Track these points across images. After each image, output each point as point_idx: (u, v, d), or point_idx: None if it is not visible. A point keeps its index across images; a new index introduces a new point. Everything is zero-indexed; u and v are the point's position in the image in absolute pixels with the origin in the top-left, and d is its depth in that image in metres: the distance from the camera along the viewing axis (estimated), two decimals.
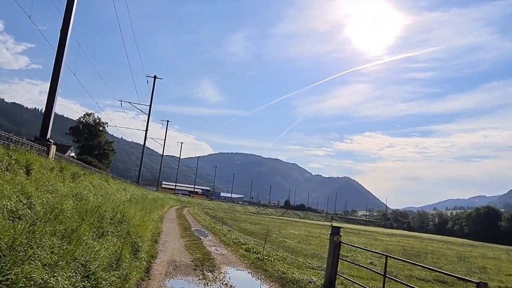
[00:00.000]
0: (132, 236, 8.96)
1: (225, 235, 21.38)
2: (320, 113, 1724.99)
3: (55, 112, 16.12)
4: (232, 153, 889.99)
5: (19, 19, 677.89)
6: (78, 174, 13.03)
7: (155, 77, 52.34)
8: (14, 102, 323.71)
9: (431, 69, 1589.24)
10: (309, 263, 14.42)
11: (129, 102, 51.31)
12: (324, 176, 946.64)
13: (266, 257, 13.60)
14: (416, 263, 10.45)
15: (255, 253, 14.57)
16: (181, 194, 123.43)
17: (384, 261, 8.54)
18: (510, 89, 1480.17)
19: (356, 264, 12.09)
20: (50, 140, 14.95)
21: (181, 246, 14.88)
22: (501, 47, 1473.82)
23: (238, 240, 18.84)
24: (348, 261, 12.48)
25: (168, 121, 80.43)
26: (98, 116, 71.57)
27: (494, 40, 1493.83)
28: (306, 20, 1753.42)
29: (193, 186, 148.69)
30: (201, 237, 19.56)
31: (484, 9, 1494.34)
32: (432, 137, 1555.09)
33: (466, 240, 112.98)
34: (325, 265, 15.79)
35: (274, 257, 14.08)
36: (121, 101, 50.46)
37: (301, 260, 14.95)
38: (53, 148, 14.48)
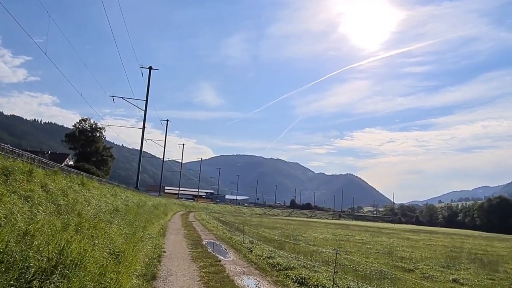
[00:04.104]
0: None
1: (251, 250, 15.75)
2: (320, 111, 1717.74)
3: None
4: (233, 155, 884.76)
5: (16, 33, 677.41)
6: (11, 171, 7.46)
7: (150, 68, 46.70)
8: (14, 115, 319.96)
9: (428, 62, 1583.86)
10: None
11: (122, 98, 45.70)
12: (326, 174, 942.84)
13: None
14: None
15: (316, 287, 8.96)
16: (185, 198, 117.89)
17: None
18: (508, 79, 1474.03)
19: None
20: None
21: (194, 280, 9.28)
22: (496, 37, 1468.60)
23: (272, 258, 13.21)
24: None
25: (168, 120, 75.21)
26: (94, 121, 66.22)
27: (489, 31, 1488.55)
28: (300, 21, 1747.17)
29: (196, 190, 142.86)
30: (219, 256, 13.96)
31: (477, 0, 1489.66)
32: (432, 130, 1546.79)
33: (483, 232, 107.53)
34: None
35: None
36: (113, 96, 44.91)
37: None
38: None
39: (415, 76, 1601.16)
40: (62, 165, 29.95)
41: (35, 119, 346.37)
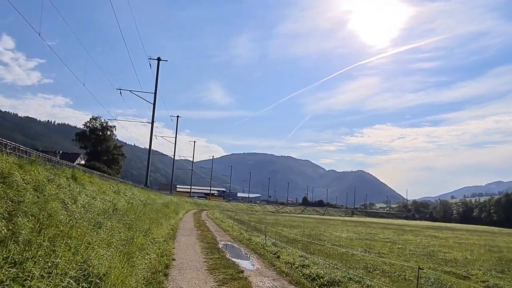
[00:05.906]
0: None
1: (277, 255, 13.23)
2: (329, 109, 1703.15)
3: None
4: (244, 153, 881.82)
5: (29, 36, 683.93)
6: None
7: (158, 59, 44.36)
8: (28, 116, 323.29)
9: (437, 58, 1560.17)
10: None
11: (129, 91, 43.56)
12: (337, 171, 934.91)
13: None
14: None
15: None
16: (197, 196, 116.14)
17: None
18: None
19: None
20: None
21: None
22: (506, 32, 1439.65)
23: (308, 268, 10.67)
24: None
25: (178, 116, 73.28)
26: (105, 120, 64.39)
27: (498, 25, 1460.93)
28: (308, 19, 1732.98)
29: (208, 188, 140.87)
30: (240, 264, 11.47)
31: None
32: (443, 125, 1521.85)
33: (503, 228, 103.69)
34: None
35: None
36: (120, 89, 42.81)
37: None
38: None
39: (424, 72, 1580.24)
40: (74, 164, 27.96)
41: (48, 121, 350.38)
